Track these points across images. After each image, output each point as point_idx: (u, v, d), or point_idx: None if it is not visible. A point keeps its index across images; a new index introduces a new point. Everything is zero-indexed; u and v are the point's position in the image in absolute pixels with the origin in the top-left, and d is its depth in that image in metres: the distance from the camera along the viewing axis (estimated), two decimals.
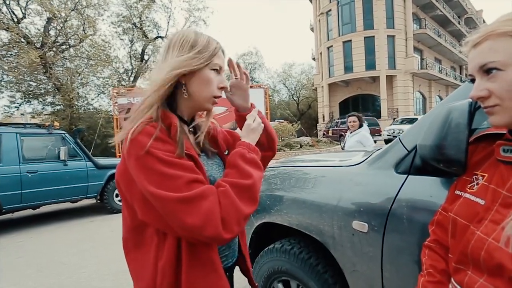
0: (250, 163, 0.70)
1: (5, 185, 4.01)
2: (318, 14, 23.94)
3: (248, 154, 0.72)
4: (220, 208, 0.60)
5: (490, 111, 0.53)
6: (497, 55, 0.49)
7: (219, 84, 0.75)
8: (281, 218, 1.38)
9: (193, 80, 0.71)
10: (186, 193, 0.59)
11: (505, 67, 0.49)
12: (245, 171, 0.68)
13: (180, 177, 0.60)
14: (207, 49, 0.71)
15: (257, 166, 0.72)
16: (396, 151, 1.03)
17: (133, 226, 0.70)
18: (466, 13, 29.34)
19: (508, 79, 0.49)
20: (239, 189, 0.64)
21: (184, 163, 0.63)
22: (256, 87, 10.68)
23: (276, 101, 30.16)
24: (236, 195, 0.63)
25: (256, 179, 0.68)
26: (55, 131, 4.69)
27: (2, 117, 11.72)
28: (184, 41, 0.71)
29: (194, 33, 0.73)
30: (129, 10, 13.32)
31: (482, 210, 0.54)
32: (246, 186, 0.66)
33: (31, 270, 2.91)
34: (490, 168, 0.59)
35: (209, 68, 0.72)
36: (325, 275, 1.21)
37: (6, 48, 10.25)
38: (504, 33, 0.49)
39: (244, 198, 0.64)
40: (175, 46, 0.71)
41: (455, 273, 0.58)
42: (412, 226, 0.88)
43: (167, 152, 0.62)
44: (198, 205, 0.59)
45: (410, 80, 21.27)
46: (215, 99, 0.76)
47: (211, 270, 0.67)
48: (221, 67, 0.76)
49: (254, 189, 0.67)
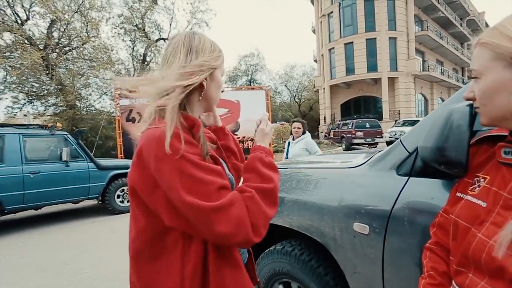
0: (268, 166, 0.72)
1: (8, 186, 4.03)
2: (319, 16, 23.98)
3: (266, 158, 0.74)
4: (249, 214, 0.61)
5: (477, 111, 0.58)
6: (476, 64, 0.55)
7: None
8: (282, 220, 1.38)
9: (210, 83, 0.74)
10: (218, 203, 0.58)
11: (480, 75, 0.54)
12: (266, 175, 0.70)
13: (212, 182, 0.60)
14: (215, 52, 0.74)
15: (275, 169, 0.74)
16: (397, 153, 1.03)
17: (152, 235, 0.66)
18: (468, 15, 29.29)
19: (482, 86, 0.54)
20: (264, 193, 0.66)
21: (213, 167, 0.63)
22: (257, 89, 10.69)
23: (277, 103, 30.17)
24: (261, 200, 0.65)
25: (276, 182, 0.71)
26: (57, 132, 4.72)
27: (5, 118, 11.80)
28: (188, 44, 0.71)
29: (197, 36, 0.74)
30: (131, 12, 13.40)
31: (483, 212, 0.54)
32: (269, 190, 0.67)
33: (33, 270, 2.92)
34: (492, 170, 0.58)
35: (220, 73, 0.77)
36: (326, 277, 1.20)
37: (9, 50, 10.34)
38: (483, 44, 0.53)
39: (268, 202, 0.66)
40: (182, 49, 0.70)
41: (456, 276, 0.58)
42: (413, 228, 0.88)
43: (197, 156, 0.62)
44: (228, 213, 0.59)
45: (412, 82, 21.24)
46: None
47: (237, 267, 0.69)
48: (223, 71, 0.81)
49: (276, 192, 0.69)
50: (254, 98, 9.93)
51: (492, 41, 0.51)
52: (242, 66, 28.13)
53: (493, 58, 0.51)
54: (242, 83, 27.46)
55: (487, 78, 0.53)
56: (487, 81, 0.53)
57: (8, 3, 10.11)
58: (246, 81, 28.16)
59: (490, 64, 0.51)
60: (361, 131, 13.44)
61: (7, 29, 9.61)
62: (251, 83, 27.44)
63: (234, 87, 21.21)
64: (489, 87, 0.52)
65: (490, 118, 0.55)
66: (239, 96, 9.71)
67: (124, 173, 5.20)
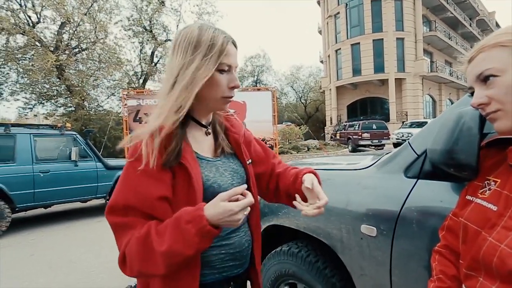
0: (177, 232, 0.57)
1: (19, 184, 4.12)
2: (326, 16, 23.89)
3: (186, 224, 0.56)
4: (125, 246, 0.61)
5: (493, 117, 0.55)
6: (492, 63, 0.53)
7: (229, 84, 0.69)
8: (288, 221, 1.38)
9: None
10: (116, 220, 0.63)
11: (501, 72, 0.52)
12: (168, 236, 0.57)
13: (122, 198, 0.63)
14: (212, 49, 0.65)
15: (184, 240, 0.56)
16: (406, 155, 1.02)
17: None
18: (478, 15, 28.80)
19: (505, 83, 0.51)
20: (147, 247, 0.58)
21: (136, 187, 0.62)
22: (263, 90, 10.70)
23: (283, 104, 30.13)
24: (142, 248, 0.58)
25: (170, 252, 0.56)
26: (67, 132, 4.80)
27: (16, 118, 12.07)
28: (187, 42, 0.65)
29: (198, 29, 0.67)
30: (139, 14, 13.58)
31: (494, 216, 0.54)
32: (156, 250, 0.57)
33: (42, 267, 2.98)
34: (503, 173, 0.58)
35: (217, 70, 0.66)
36: (333, 279, 1.20)
37: (22, 52, 10.58)
38: (496, 44, 0.53)
39: (146, 257, 0.58)
40: (179, 48, 0.66)
41: (466, 279, 0.57)
42: (422, 231, 0.87)
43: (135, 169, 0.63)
44: (120, 233, 0.62)
45: (419, 83, 20.96)
46: (227, 99, 0.71)
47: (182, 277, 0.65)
48: (230, 65, 0.68)
49: (161, 257, 0.57)
50: (260, 99, 9.92)
51: (509, 39, 0.52)
52: (248, 67, 28.20)
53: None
54: (248, 84, 27.51)
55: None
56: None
57: (20, 6, 10.37)
58: (252, 82, 28.22)
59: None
60: (368, 132, 13.32)
61: (20, 32, 9.85)
62: (257, 84, 27.48)
63: (241, 88, 21.26)
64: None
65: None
66: (245, 97, 9.72)
67: None
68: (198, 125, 0.74)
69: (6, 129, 4.16)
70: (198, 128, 0.74)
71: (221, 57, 0.66)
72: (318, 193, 0.70)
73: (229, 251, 0.72)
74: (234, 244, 0.73)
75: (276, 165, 0.89)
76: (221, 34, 0.67)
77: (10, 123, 4.46)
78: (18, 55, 10.57)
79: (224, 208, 0.57)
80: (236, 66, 0.70)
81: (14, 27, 9.65)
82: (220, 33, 0.67)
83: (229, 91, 0.70)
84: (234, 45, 0.70)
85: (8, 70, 11.16)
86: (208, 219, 0.57)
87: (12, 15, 9.88)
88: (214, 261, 0.70)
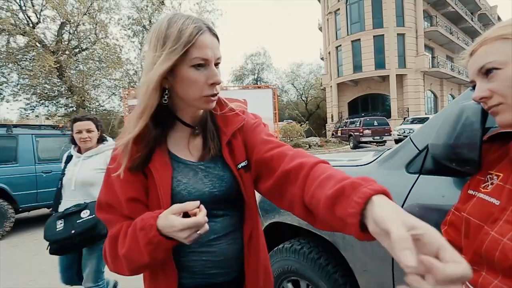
0: (133, 238, 0.57)
1: (22, 185, 4.15)
2: (326, 13, 23.76)
3: (139, 231, 0.56)
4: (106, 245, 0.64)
5: (495, 110, 0.55)
6: (493, 56, 0.52)
7: (208, 81, 0.60)
8: (290, 218, 1.38)
9: (176, 81, 0.60)
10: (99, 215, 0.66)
11: (503, 65, 0.51)
12: (127, 241, 0.58)
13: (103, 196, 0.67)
14: (177, 42, 0.56)
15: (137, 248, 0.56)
16: (407, 150, 1.02)
17: None
18: (480, 9, 28.53)
19: (507, 76, 0.51)
20: (113, 249, 0.62)
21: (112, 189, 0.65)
22: (264, 88, 10.69)
23: (284, 101, 30.11)
24: (110, 248, 0.63)
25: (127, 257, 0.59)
26: (68, 132, 4.81)
27: (18, 119, 12.13)
28: (156, 38, 0.58)
29: (167, 21, 0.58)
30: (139, 13, 13.56)
31: (497, 210, 0.54)
32: (118, 253, 0.61)
33: (47, 267, 3.00)
34: (506, 168, 0.57)
35: (188, 66, 0.58)
36: (335, 275, 1.20)
37: (22, 52, 10.61)
38: (497, 37, 0.52)
39: (113, 257, 0.63)
40: (150, 45, 0.60)
41: None
42: None
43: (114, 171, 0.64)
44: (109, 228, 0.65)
45: (421, 79, 20.85)
46: (208, 98, 0.62)
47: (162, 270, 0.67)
48: (206, 58, 0.58)
49: (123, 259, 0.60)
50: (261, 97, 9.94)
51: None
52: (248, 65, 28.20)
53: None
54: (248, 82, 27.51)
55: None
56: None
57: (20, 7, 10.37)
58: (253, 80, 28.20)
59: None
60: (369, 129, 13.28)
61: (20, 32, 9.86)
62: (258, 82, 27.45)
63: (241, 86, 21.23)
64: None
65: None
66: (246, 95, 9.73)
67: None
68: (184, 125, 0.68)
69: (8, 130, 4.18)
70: (185, 129, 0.68)
71: (192, 50, 0.56)
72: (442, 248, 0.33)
73: (210, 258, 0.67)
74: (216, 252, 0.67)
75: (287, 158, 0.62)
76: (192, 23, 0.57)
77: (12, 124, 4.48)
78: (19, 55, 10.60)
79: (170, 222, 0.53)
80: (216, 58, 0.60)
81: (14, 28, 9.66)
82: (191, 22, 0.57)
83: (209, 89, 0.61)
84: (212, 35, 0.60)
85: (9, 71, 11.20)
86: (159, 229, 0.54)
87: (12, 15, 9.89)
88: (194, 266, 0.67)
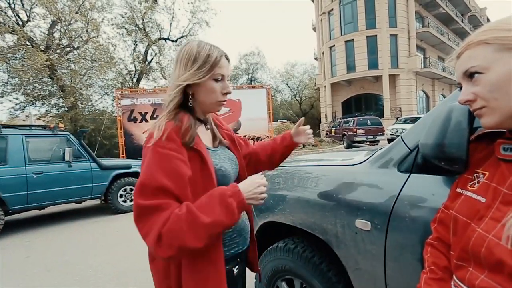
0: (222, 205, 0.69)
1: (12, 186, 4.07)
2: (320, 13, 23.88)
3: (228, 198, 0.70)
4: (162, 226, 0.63)
5: (479, 113, 0.56)
6: (476, 61, 0.53)
7: (222, 91, 0.84)
8: (284, 217, 1.39)
9: (199, 90, 0.82)
10: (144, 203, 0.65)
11: (485, 70, 0.53)
12: (210, 210, 0.67)
13: (156, 180, 0.66)
14: (207, 62, 0.79)
15: (227, 212, 0.68)
16: (399, 150, 1.04)
17: None
18: (470, 11, 29.07)
19: (489, 80, 0.52)
20: (193, 222, 0.65)
21: (172, 168, 0.69)
22: (258, 87, 10.68)
23: (278, 101, 30.15)
24: (187, 224, 0.64)
25: (213, 222, 0.66)
26: (60, 132, 4.74)
27: (8, 119, 11.86)
28: (188, 57, 0.80)
29: (197, 45, 0.81)
30: (132, 12, 13.39)
31: (482, 207, 0.55)
32: (200, 223, 0.65)
33: (39, 269, 2.95)
34: (491, 166, 0.59)
35: (212, 79, 0.81)
36: (329, 273, 1.22)
37: (11, 51, 10.37)
38: (480, 42, 0.53)
39: (191, 231, 0.64)
40: (182, 61, 0.81)
41: (457, 270, 0.59)
42: (415, 224, 0.89)
43: (171, 150, 0.71)
44: (149, 216, 0.65)
45: (413, 79, 21.13)
46: (221, 103, 0.86)
47: (210, 264, 0.74)
48: (223, 75, 0.84)
49: (206, 229, 0.66)
50: (255, 96, 9.91)
51: (493, 36, 0.52)
52: (242, 65, 28.11)
53: (499, 50, 0.51)
54: (243, 82, 27.45)
55: (497, 70, 0.51)
56: (498, 72, 0.51)
57: (9, 4, 10.14)
58: (247, 79, 28.14)
59: (497, 55, 0.51)
60: (363, 128, 13.41)
61: (9, 31, 9.64)
62: (252, 81, 27.42)
63: (235, 86, 21.16)
64: (501, 77, 0.51)
65: (502, 114, 0.52)
66: (240, 95, 9.69)
67: (126, 172, 5.22)
68: (199, 122, 0.88)
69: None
70: (200, 125, 0.89)
71: (215, 68, 0.80)
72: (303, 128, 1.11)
73: (236, 228, 0.87)
74: (239, 223, 0.88)
75: (253, 147, 1.13)
76: (216, 49, 0.82)
77: (1, 124, 4.38)
78: (8, 54, 10.36)
79: (252, 179, 0.76)
80: (228, 75, 0.86)
81: (3, 26, 9.44)
82: (215, 48, 0.82)
83: (223, 97, 0.86)
84: (226, 59, 0.85)
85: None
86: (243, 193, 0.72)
87: (0, 13, 9.66)
88: (225, 238, 0.83)
